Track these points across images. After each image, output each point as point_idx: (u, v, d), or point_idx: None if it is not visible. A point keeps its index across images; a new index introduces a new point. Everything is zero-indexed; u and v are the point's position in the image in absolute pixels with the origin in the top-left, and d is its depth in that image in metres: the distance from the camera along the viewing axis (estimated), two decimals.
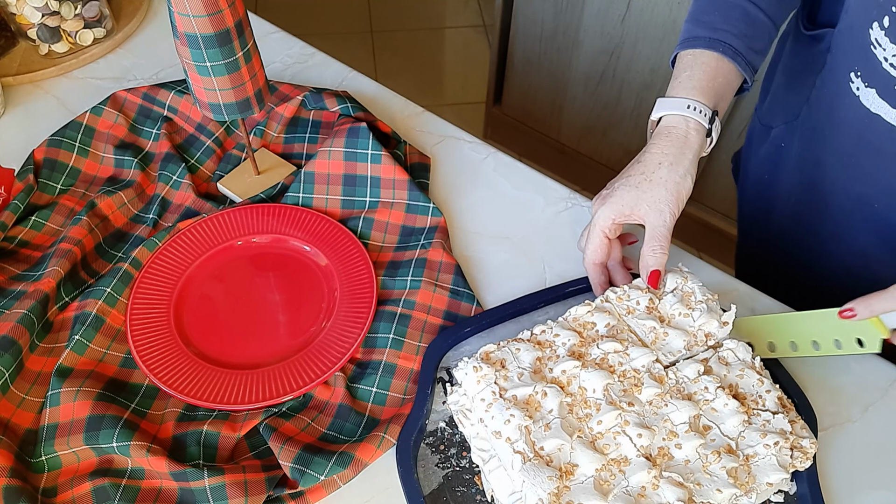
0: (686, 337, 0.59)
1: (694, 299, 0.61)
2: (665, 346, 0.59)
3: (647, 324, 0.60)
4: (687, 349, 0.59)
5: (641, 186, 0.62)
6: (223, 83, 0.66)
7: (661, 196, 0.62)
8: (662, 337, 0.59)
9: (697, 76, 0.65)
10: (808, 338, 0.61)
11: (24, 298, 0.65)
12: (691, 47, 0.66)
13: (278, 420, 0.60)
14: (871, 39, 0.59)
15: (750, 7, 0.66)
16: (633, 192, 0.63)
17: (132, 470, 0.57)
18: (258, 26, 0.99)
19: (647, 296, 0.62)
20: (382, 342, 0.65)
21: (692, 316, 0.60)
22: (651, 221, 0.63)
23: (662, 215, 0.62)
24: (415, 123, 0.87)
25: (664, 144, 0.63)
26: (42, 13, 0.87)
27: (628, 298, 0.62)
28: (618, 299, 0.62)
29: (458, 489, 0.57)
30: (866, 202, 0.69)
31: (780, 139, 0.79)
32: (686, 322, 0.60)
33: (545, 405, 0.56)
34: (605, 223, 0.64)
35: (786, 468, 0.53)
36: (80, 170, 0.80)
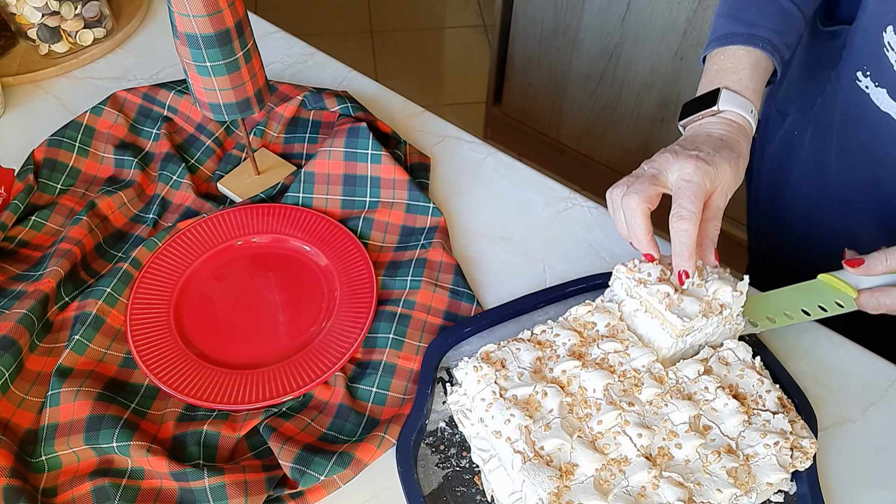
0: (701, 304, 0.57)
1: (706, 271, 0.60)
2: (680, 311, 0.57)
3: (662, 289, 0.58)
4: (703, 315, 0.57)
5: (731, 165, 0.59)
6: (223, 83, 0.66)
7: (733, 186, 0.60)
8: (677, 303, 0.57)
9: (755, 79, 0.64)
10: (798, 307, 0.63)
11: (24, 298, 0.65)
12: (731, 43, 0.66)
13: (278, 420, 0.60)
14: (884, 42, 0.59)
15: (785, 2, 0.66)
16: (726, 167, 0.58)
17: (132, 470, 0.57)
18: (258, 26, 0.99)
19: (658, 267, 0.60)
20: (382, 342, 0.65)
21: (705, 287, 0.59)
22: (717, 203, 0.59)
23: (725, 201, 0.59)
24: (415, 123, 0.87)
25: (740, 136, 0.62)
26: (42, 13, 0.87)
27: (639, 271, 0.60)
28: (628, 271, 0.60)
29: (458, 489, 0.57)
30: (872, 199, 0.69)
31: (794, 127, 0.80)
32: (700, 291, 0.58)
33: (545, 405, 0.56)
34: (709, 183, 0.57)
35: (786, 468, 0.53)
36: (80, 170, 0.80)
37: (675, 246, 0.57)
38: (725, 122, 0.62)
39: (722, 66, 0.66)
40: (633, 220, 0.58)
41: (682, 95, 1.61)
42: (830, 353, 0.66)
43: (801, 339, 0.67)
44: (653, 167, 0.59)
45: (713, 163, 0.57)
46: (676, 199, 0.57)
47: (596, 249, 0.75)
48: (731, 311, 0.59)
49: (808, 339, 0.67)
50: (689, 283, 0.59)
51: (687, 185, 0.56)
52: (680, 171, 0.57)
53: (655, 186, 0.58)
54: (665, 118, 1.68)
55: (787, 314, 0.63)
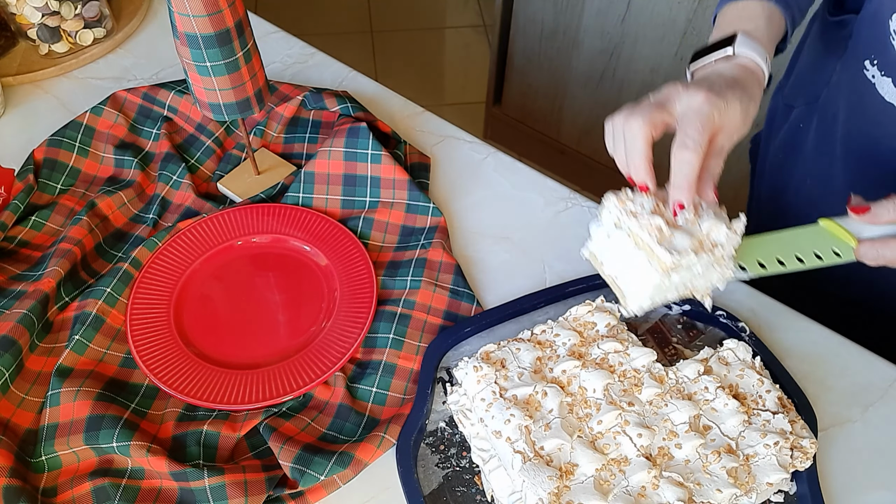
0: (693, 240, 0.54)
1: (702, 208, 0.57)
2: (670, 245, 0.54)
3: (655, 222, 0.54)
4: (694, 252, 0.54)
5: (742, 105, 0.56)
6: (223, 83, 0.66)
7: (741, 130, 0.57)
8: (668, 237, 0.54)
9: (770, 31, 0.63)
10: (792, 253, 0.59)
11: (24, 298, 0.65)
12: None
13: (278, 420, 0.60)
14: (890, 30, 0.59)
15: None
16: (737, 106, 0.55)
17: (132, 470, 0.57)
18: (258, 26, 0.99)
19: (652, 199, 0.56)
20: (382, 342, 0.65)
21: (699, 224, 0.55)
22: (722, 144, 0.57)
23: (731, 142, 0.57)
24: (415, 123, 0.87)
25: (754, 81, 0.59)
26: (42, 13, 0.87)
27: (632, 202, 0.56)
28: (619, 202, 0.56)
29: (458, 489, 0.57)
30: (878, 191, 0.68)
31: (799, 120, 0.79)
32: (693, 229, 0.55)
33: (545, 405, 0.56)
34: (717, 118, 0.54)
35: (786, 468, 0.53)
36: (80, 170, 0.80)
37: (675, 176, 0.54)
38: (739, 66, 0.60)
39: (737, 16, 0.64)
40: (633, 144, 0.55)
41: None
42: (830, 353, 0.66)
43: (802, 339, 0.67)
44: (659, 97, 0.56)
45: (724, 97, 0.54)
46: (682, 129, 0.54)
47: None
48: (723, 252, 0.56)
49: (808, 339, 0.67)
50: (684, 218, 0.56)
51: (695, 114, 0.53)
52: (689, 100, 0.54)
53: (661, 113, 0.55)
54: None
55: (779, 260, 0.59)
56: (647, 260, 0.55)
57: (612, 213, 0.57)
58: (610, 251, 0.58)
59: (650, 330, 0.67)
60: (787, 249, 0.60)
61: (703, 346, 0.62)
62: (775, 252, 0.60)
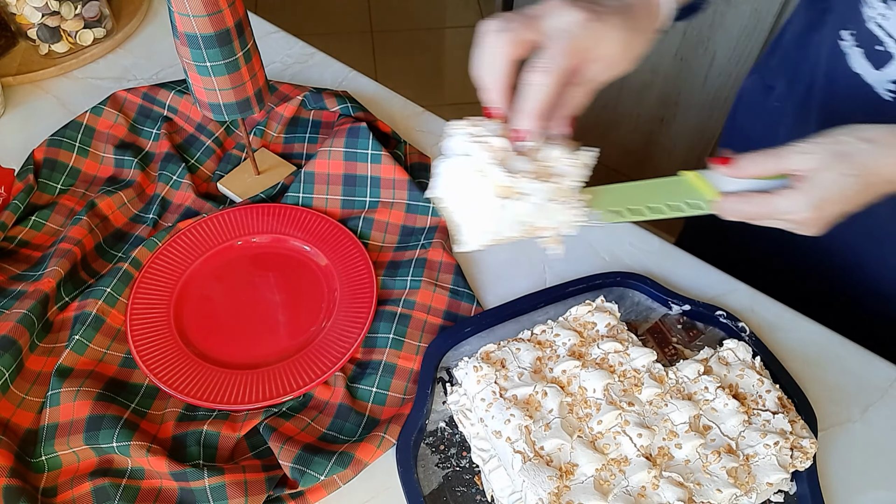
0: (534, 165, 0.50)
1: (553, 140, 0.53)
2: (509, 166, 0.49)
3: (496, 143, 0.50)
4: (535, 177, 0.50)
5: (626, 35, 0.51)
6: (223, 83, 0.66)
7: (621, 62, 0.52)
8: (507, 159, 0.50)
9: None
10: (644, 202, 0.57)
11: (24, 298, 0.65)
12: None
13: (278, 420, 0.60)
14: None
15: None
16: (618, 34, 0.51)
17: (132, 470, 0.57)
18: (258, 26, 0.99)
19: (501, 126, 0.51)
20: (382, 342, 0.65)
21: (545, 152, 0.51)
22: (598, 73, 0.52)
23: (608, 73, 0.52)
24: (415, 123, 0.87)
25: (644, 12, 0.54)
26: (42, 13, 0.87)
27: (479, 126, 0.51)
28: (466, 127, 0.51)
29: (458, 489, 0.57)
30: None
31: (778, 98, 0.78)
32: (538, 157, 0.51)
33: (545, 405, 0.56)
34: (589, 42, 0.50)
35: (786, 468, 0.53)
36: (80, 170, 0.80)
37: (520, 100, 0.49)
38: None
39: None
40: (489, 62, 0.50)
41: (682, 95, 1.60)
42: (830, 353, 0.66)
43: (801, 339, 0.67)
44: (533, 10, 0.50)
45: (605, 21, 0.49)
46: (543, 49, 0.49)
47: (596, 249, 0.75)
48: (566, 183, 0.51)
49: (808, 339, 0.67)
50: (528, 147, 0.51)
51: (562, 34, 0.48)
52: (561, 19, 0.49)
53: (528, 31, 0.49)
54: (665, 118, 1.68)
55: (630, 209, 0.57)
56: (484, 186, 0.50)
57: (457, 139, 0.52)
58: (450, 182, 0.53)
59: (650, 330, 0.67)
60: (642, 199, 0.57)
61: (703, 346, 0.62)
62: (630, 201, 0.58)
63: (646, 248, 0.75)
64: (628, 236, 0.76)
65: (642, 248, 0.75)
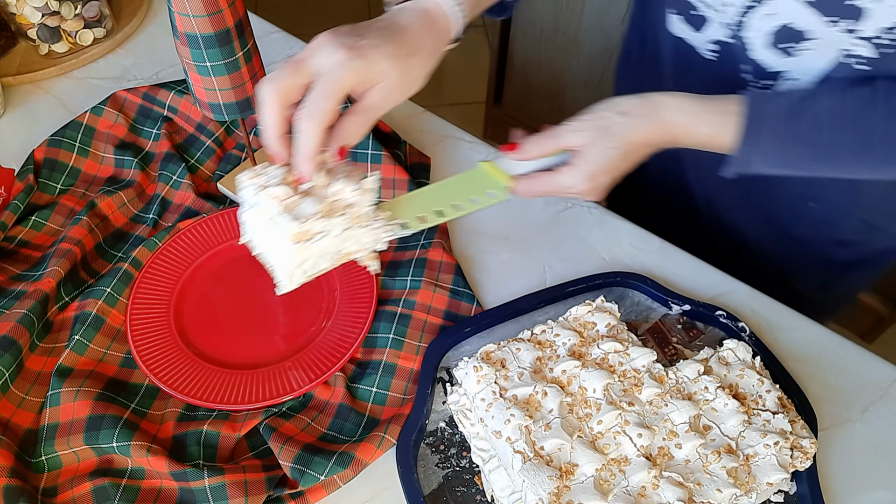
0: (321, 204, 0.52)
1: (338, 170, 0.54)
2: (297, 213, 0.51)
3: (277, 192, 0.51)
4: (323, 216, 0.52)
5: (396, 62, 0.53)
6: (223, 83, 0.66)
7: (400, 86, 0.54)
8: (294, 206, 0.51)
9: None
10: (450, 202, 0.60)
11: (24, 298, 0.65)
12: None
13: (278, 420, 0.60)
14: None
15: None
16: (387, 63, 0.52)
17: (132, 470, 0.57)
18: (258, 26, 0.99)
19: (283, 169, 0.53)
20: (382, 342, 0.65)
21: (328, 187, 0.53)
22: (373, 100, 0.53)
23: (386, 100, 0.54)
24: (415, 123, 0.87)
25: (426, 31, 0.56)
26: (42, 13, 0.87)
27: (264, 175, 0.53)
28: (253, 176, 0.53)
29: (458, 489, 0.57)
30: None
31: (638, 63, 0.83)
32: (323, 193, 0.53)
33: (545, 405, 0.56)
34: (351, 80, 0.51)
35: (786, 468, 0.53)
36: (80, 170, 0.80)
37: (294, 146, 0.51)
38: (420, 12, 0.56)
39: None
40: (262, 111, 0.51)
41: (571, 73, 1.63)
42: (830, 353, 0.66)
43: (801, 339, 0.67)
44: (300, 54, 0.52)
45: (367, 57, 0.51)
46: (309, 93, 0.50)
47: (596, 249, 0.75)
48: (358, 211, 0.54)
49: (808, 339, 0.67)
50: (312, 185, 0.53)
51: (324, 78, 0.50)
52: (323, 60, 0.51)
53: (295, 77, 0.51)
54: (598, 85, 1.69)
55: (435, 211, 0.59)
56: (280, 233, 0.52)
57: (248, 191, 0.53)
58: (254, 230, 0.55)
59: (650, 330, 0.67)
60: (444, 198, 0.60)
61: (703, 346, 0.62)
62: (433, 204, 0.60)
63: (646, 248, 0.75)
64: (628, 236, 0.76)
65: (642, 248, 0.75)
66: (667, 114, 0.60)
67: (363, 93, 0.53)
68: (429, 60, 0.56)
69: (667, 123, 0.60)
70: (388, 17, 0.56)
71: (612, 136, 0.59)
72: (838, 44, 0.57)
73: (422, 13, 0.56)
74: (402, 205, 0.60)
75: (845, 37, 0.56)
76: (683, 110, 0.60)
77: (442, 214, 0.59)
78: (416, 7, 0.56)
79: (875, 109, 0.55)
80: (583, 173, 0.59)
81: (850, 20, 0.55)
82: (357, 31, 0.53)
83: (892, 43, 0.55)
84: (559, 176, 0.60)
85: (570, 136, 0.60)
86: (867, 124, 0.56)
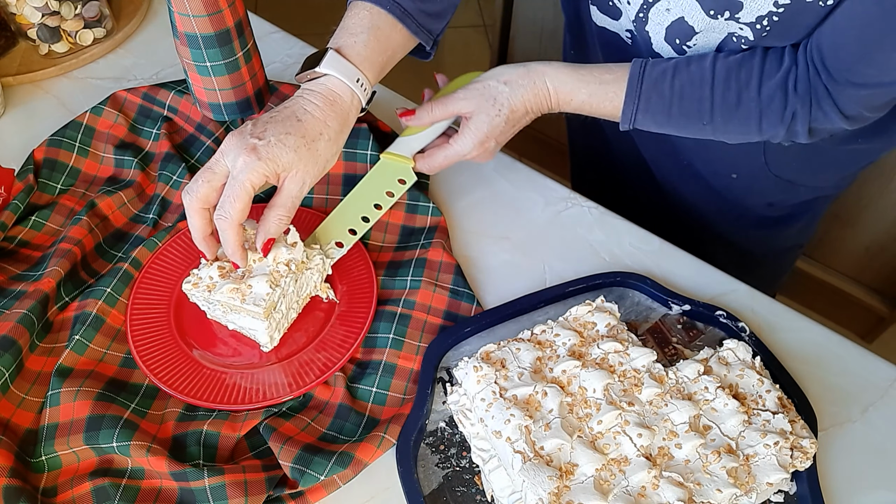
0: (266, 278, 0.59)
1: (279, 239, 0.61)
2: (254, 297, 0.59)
3: (227, 287, 0.59)
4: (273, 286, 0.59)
5: (300, 152, 0.57)
6: (223, 83, 0.66)
7: (311, 171, 0.59)
8: (247, 290, 0.59)
9: (372, 45, 0.63)
10: (371, 204, 0.64)
11: (24, 298, 0.65)
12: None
13: (278, 420, 0.60)
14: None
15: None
16: (290, 156, 0.57)
17: (132, 470, 0.57)
18: (258, 26, 0.99)
19: (214, 266, 0.61)
20: (382, 342, 0.65)
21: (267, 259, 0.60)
22: (289, 190, 0.58)
23: (301, 187, 0.59)
24: None
25: (329, 113, 0.60)
26: (42, 13, 0.87)
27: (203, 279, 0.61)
28: (193, 286, 0.61)
29: (458, 489, 0.57)
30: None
31: (571, 47, 0.87)
32: (263, 266, 0.60)
33: (545, 405, 0.56)
34: (257, 180, 0.56)
35: (786, 468, 0.53)
36: (80, 170, 0.80)
37: (223, 245, 0.58)
38: (322, 95, 0.60)
39: (345, 25, 0.64)
40: (188, 218, 0.58)
41: None
42: (830, 353, 0.66)
43: (801, 339, 0.67)
44: (211, 160, 0.57)
45: (269, 156, 0.55)
46: (222, 196, 0.56)
47: (596, 249, 0.75)
48: (296, 264, 0.61)
49: (808, 339, 0.67)
50: (250, 262, 0.60)
51: (231, 182, 0.55)
52: (233, 163, 0.56)
53: (212, 181, 0.56)
54: None
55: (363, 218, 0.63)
56: (249, 316, 0.60)
57: (198, 297, 0.62)
58: (223, 319, 0.65)
59: (650, 330, 0.67)
60: (365, 203, 0.63)
61: (703, 346, 0.62)
62: (357, 212, 0.64)
63: (646, 248, 0.75)
64: (628, 236, 0.76)
65: (642, 248, 0.75)
66: (548, 83, 0.66)
67: (279, 186, 0.58)
68: (335, 140, 0.60)
69: (548, 92, 0.66)
70: (290, 104, 0.60)
71: (496, 104, 0.65)
72: (727, 29, 0.62)
73: (323, 96, 0.60)
74: (327, 228, 0.64)
75: (731, 23, 0.61)
76: (562, 80, 0.66)
77: (367, 220, 0.63)
78: (318, 89, 0.60)
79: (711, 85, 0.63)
80: (473, 139, 0.66)
81: (732, 11, 0.60)
82: (259, 129, 0.57)
83: (764, 27, 0.60)
84: (453, 146, 0.67)
85: (460, 104, 0.67)
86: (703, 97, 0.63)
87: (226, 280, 0.60)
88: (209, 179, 0.56)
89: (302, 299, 0.66)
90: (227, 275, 0.60)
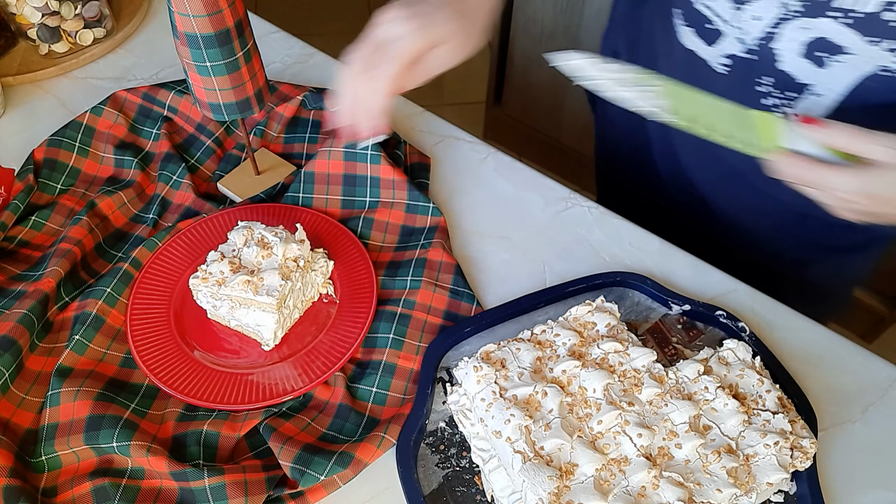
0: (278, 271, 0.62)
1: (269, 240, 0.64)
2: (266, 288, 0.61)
3: (239, 279, 0.61)
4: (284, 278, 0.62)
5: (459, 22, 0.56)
6: (223, 83, 0.66)
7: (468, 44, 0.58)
8: (259, 283, 0.62)
9: None
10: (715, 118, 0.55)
11: (24, 298, 0.65)
12: None
13: (278, 420, 0.60)
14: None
15: None
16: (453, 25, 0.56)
17: (132, 470, 0.57)
18: (258, 26, 0.99)
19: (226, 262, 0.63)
20: (382, 342, 0.65)
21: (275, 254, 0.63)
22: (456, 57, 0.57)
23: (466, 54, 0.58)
24: (415, 123, 0.87)
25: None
26: (42, 13, 0.87)
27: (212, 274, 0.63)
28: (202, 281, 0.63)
29: (458, 489, 0.57)
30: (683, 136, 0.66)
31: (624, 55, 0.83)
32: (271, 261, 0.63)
33: (545, 405, 0.56)
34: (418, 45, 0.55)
35: (786, 468, 0.53)
36: (80, 170, 0.80)
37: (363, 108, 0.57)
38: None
39: None
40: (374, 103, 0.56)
41: None
42: (830, 353, 0.66)
43: (801, 339, 0.67)
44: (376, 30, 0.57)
45: (433, 21, 0.55)
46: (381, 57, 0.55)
47: (596, 249, 0.75)
48: (304, 260, 0.64)
49: (808, 339, 0.67)
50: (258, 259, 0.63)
51: (395, 43, 0.54)
52: (398, 29, 0.55)
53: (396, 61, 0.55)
54: None
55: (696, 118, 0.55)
56: (259, 309, 0.63)
57: (204, 293, 0.64)
58: (227, 317, 0.66)
59: (650, 330, 0.67)
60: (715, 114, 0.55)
61: (703, 346, 0.62)
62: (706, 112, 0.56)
63: (646, 248, 0.75)
64: (628, 236, 0.76)
65: (642, 248, 0.75)
66: None
67: (427, 54, 0.56)
68: (476, 22, 0.59)
69: None
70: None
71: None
72: (878, 60, 0.56)
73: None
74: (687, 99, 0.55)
75: (887, 55, 0.55)
76: None
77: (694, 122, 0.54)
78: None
79: None
80: (862, 186, 0.51)
81: (893, 40, 0.53)
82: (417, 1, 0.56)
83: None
84: (834, 174, 0.52)
85: (879, 150, 0.51)
86: None
87: (237, 273, 0.62)
88: (394, 59, 0.55)
89: (306, 300, 0.68)
90: (238, 269, 0.63)
